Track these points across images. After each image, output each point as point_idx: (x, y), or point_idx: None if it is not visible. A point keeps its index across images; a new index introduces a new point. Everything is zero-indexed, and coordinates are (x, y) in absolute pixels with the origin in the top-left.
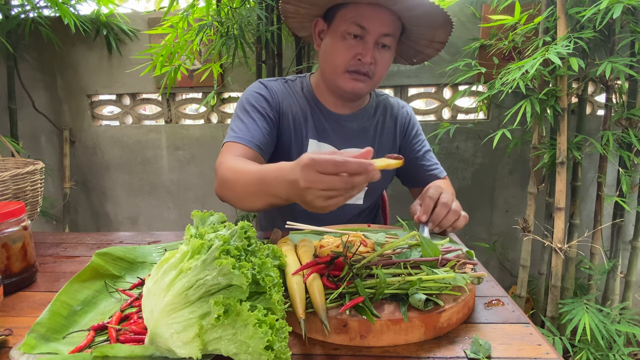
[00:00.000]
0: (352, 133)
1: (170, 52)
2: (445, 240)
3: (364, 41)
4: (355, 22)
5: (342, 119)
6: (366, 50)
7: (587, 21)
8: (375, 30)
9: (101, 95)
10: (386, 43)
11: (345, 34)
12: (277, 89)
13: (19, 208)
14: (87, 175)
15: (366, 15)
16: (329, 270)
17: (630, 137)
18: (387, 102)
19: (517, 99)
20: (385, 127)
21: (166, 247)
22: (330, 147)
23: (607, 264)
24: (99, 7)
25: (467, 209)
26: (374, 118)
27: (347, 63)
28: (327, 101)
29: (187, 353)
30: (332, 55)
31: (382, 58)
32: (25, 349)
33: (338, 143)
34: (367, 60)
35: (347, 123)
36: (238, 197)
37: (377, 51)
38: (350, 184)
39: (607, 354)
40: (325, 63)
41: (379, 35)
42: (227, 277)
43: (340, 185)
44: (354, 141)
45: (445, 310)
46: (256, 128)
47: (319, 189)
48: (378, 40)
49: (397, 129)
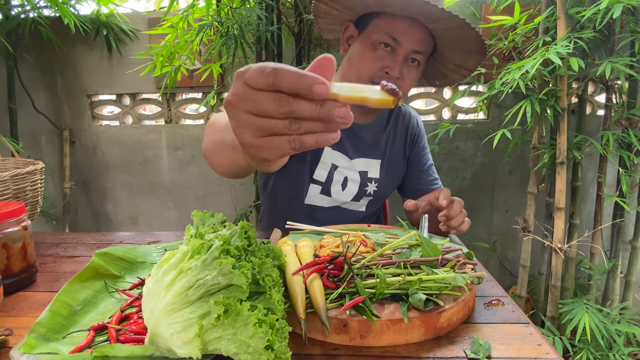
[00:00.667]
0: (365, 143)
1: (170, 52)
2: (446, 240)
3: (394, 54)
4: (389, 34)
5: (357, 128)
6: (395, 64)
7: (587, 21)
8: (408, 45)
9: (101, 95)
10: (416, 59)
11: (377, 44)
12: None
13: (19, 208)
14: (87, 175)
15: (401, 28)
16: (329, 270)
17: (630, 137)
18: (399, 111)
19: (517, 99)
20: (397, 137)
21: (166, 247)
22: (343, 156)
23: (607, 264)
24: (99, 7)
25: (467, 209)
26: (386, 128)
27: (374, 73)
28: None
29: (187, 353)
30: (359, 62)
31: (410, 74)
32: (25, 349)
33: (351, 152)
34: (395, 75)
35: (361, 133)
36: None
37: (405, 67)
38: (289, 107)
39: (607, 354)
40: (350, 69)
41: (411, 50)
42: (227, 277)
43: (270, 105)
44: (366, 151)
45: (445, 310)
46: None
47: (245, 110)
48: (408, 55)
49: (407, 139)
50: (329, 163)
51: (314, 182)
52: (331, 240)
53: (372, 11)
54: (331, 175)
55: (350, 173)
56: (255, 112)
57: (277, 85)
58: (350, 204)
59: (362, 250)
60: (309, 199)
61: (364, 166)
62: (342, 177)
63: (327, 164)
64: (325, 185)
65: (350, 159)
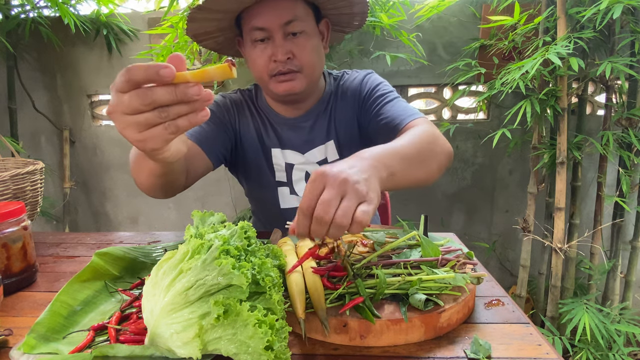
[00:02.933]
0: (309, 133)
1: (170, 52)
2: (446, 240)
3: (271, 41)
4: (253, 27)
5: (297, 121)
6: (276, 49)
7: (587, 21)
8: (274, 24)
9: (101, 95)
10: (295, 30)
11: (252, 42)
12: (237, 101)
13: (19, 208)
14: (87, 175)
15: (259, 14)
16: (329, 271)
17: (630, 137)
18: (342, 82)
19: (517, 99)
20: (340, 112)
21: (166, 247)
22: (295, 153)
23: (607, 264)
24: (99, 7)
25: (467, 209)
26: (326, 109)
27: (267, 69)
28: (278, 108)
29: (187, 353)
30: (253, 67)
31: (299, 46)
32: (25, 349)
33: (299, 147)
34: (281, 58)
35: (302, 124)
36: (133, 171)
37: (290, 43)
38: (149, 98)
39: (607, 354)
40: (254, 76)
41: (281, 26)
42: (227, 277)
43: (136, 101)
44: (313, 141)
45: (445, 310)
46: (199, 128)
47: (121, 112)
48: (285, 31)
49: (353, 101)
50: (282, 164)
51: (280, 184)
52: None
53: (235, 15)
54: (290, 175)
55: (309, 167)
56: (129, 111)
57: (133, 81)
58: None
59: (362, 250)
60: (284, 202)
61: (319, 155)
62: (302, 173)
63: (281, 165)
64: (289, 185)
65: (302, 153)
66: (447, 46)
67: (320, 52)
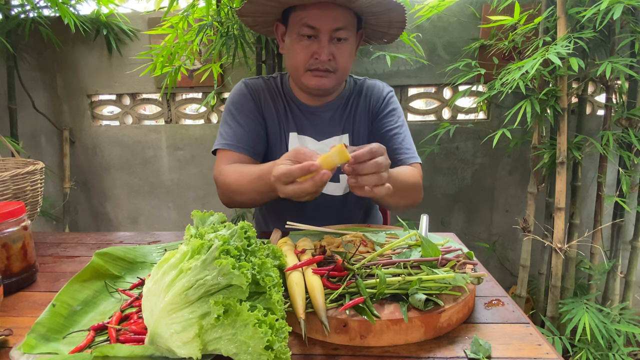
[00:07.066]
0: (325, 123)
1: (170, 52)
2: (446, 240)
3: (318, 40)
4: (305, 24)
5: (317, 110)
6: (321, 49)
7: (587, 21)
8: (325, 27)
9: (101, 95)
10: (341, 36)
11: (299, 36)
12: (259, 87)
13: (19, 208)
14: (87, 175)
15: (314, 15)
16: (329, 270)
17: (630, 137)
18: (363, 86)
19: (517, 99)
20: (359, 111)
21: (166, 247)
22: (310, 140)
23: (607, 264)
24: (99, 7)
25: (467, 209)
26: (347, 105)
27: (307, 63)
28: (301, 96)
29: (187, 353)
30: (292, 57)
31: (341, 51)
32: (25, 349)
33: (316, 134)
34: (324, 58)
35: (321, 113)
36: (245, 196)
37: (333, 46)
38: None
39: (607, 354)
40: (289, 64)
41: (330, 31)
42: (227, 277)
43: (299, 192)
44: (330, 131)
45: (445, 310)
46: (243, 132)
47: (286, 194)
48: (332, 35)
49: (370, 108)
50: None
51: None
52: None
53: (288, 6)
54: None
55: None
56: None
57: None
58: (329, 185)
59: (362, 250)
60: None
61: (333, 144)
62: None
63: None
64: None
65: (318, 140)
66: (447, 46)
67: (353, 58)
